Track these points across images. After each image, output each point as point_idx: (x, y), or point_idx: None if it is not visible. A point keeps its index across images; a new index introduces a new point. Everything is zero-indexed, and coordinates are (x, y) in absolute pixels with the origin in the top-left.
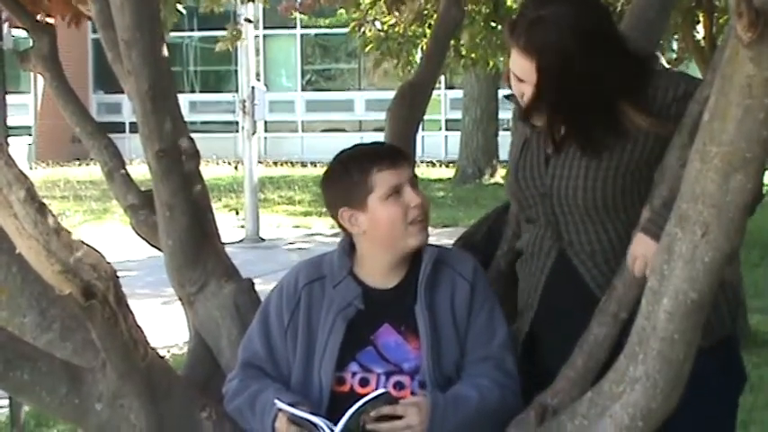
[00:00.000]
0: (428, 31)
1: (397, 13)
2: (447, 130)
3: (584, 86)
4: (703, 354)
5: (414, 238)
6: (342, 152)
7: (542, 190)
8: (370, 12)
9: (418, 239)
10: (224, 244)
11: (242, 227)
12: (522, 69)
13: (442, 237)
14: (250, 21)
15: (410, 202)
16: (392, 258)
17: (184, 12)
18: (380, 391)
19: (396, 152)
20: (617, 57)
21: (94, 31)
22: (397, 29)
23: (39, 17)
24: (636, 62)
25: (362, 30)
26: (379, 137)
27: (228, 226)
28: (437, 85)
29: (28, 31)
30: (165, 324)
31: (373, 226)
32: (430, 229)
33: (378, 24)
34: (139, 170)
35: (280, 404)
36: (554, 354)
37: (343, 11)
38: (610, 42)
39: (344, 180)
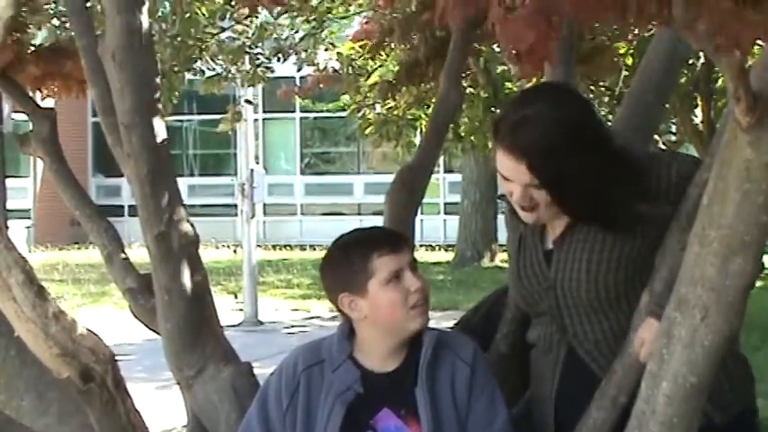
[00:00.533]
0: (427, 113)
1: (396, 98)
2: (446, 213)
3: (580, 179)
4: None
5: (415, 322)
6: (340, 237)
7: (546, 285)
8: (369, 95)
9: (419, 323)
10: (222, 327)
11: (240, 310)
12: (508, 170)
13: (441, 320)
14: (250, 102)
15: (411, 287)
16: (393, 342)
17: (176, 95)
18: None
19: (395, 237)
20: (605, 149)
21: (94, 115)
22: (396, 112)
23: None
24: (625, 156)
25: (362, 112)
26: (378, 220)
27: (227, 309)
28: (436, 169)
29: (28, 115)
30: (163, 408)
31: (374, 311)
32: (429, 312)
33: (377, 108)
34: (138, 254)
35: None
36: None
37: (345, 96)
38: (597, 136)
39: (344, 266)
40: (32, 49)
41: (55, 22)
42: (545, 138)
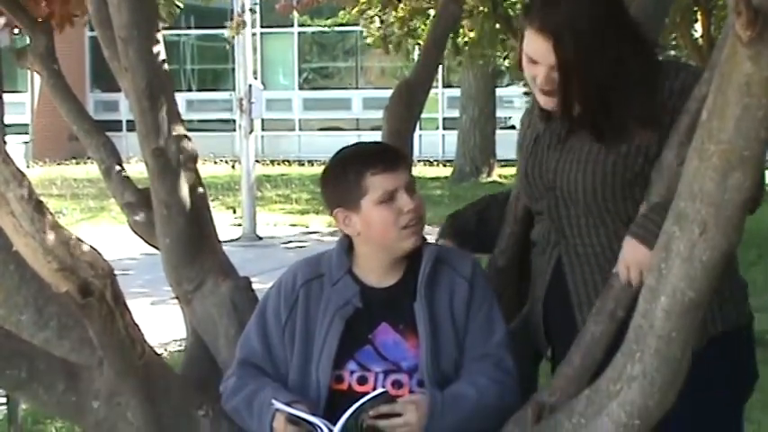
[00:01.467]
0: (427, 24)
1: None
2: (444, 128)
3: (601, 67)
4: (709, 352)
5: (406, 242)
6: (341, 150)
7: (548, 183)
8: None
9: (411, 243)
10: (221, 242)
11: (239, 225)
12: (536, 51)
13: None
14: (254, 11)
15: (403, 207)
16: (387, 259)
17: (181, 6)
18: (380, 390)
19: (392, 155)
20: (631, 40)
21: (92, 30)
22: (396, 23)
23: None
24: (649, 49)
25: (363, 22)
26: (377, 135)
27: (225, 224)
28: (434, 84)
29: (25, 29)
30: (161, 322)
31: (366, 228)
32: (427, 227)
33: (377, 21)
34: (137, 168)
35: (277, 404)
36: (561, 347)
37: (342, 12)
38: (623, 28)
39: (340, 181)
40: None
41: None
42: (575, 20)
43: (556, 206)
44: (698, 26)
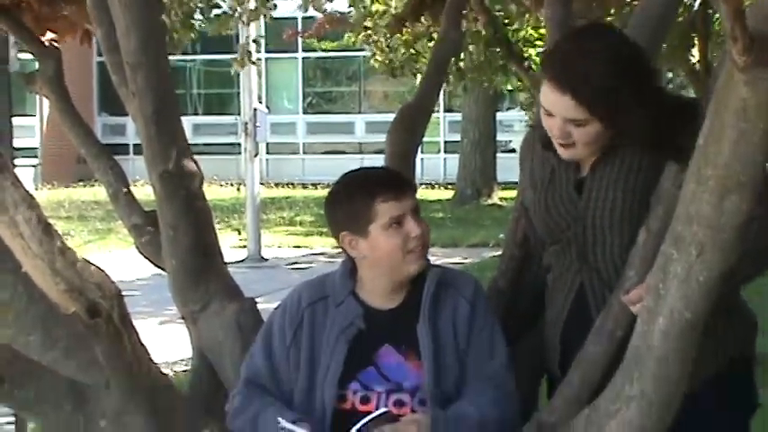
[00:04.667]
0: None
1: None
2: (446, 152)
3: (636, 110)
4: (708, 387)
5: (412, 266)
6: (346, 175)
7: (575, 214)
8: (378, 22)
9: (416, 267)
10: (226, 264)
11: (244, 247)
12: (551, 103)
13: (442, 257)
14: (257, 42)
15: (411, 233)
16: (391, 282)
17: (197, 31)
18: (382, 410)
19: (399, 182)
20: (655, 92)
21: (99, 54)
22: (401, 46)
23: (45, 39)
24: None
25: (372, 42)
26: (380, 159)
27: (231, 246)
28: (436, 108)
29: (34, 54)
30: (168, 342)
31: (373, 252)
32: (430, 249)
33: (384, 46)
34: (144, 191)
35: (283, 423)
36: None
37: (349, 34)
38: (647, 77)
39: (347, 206)
40: None
41: None
42: (596, 70)
43: (583, 234)
44: (695, 51)
